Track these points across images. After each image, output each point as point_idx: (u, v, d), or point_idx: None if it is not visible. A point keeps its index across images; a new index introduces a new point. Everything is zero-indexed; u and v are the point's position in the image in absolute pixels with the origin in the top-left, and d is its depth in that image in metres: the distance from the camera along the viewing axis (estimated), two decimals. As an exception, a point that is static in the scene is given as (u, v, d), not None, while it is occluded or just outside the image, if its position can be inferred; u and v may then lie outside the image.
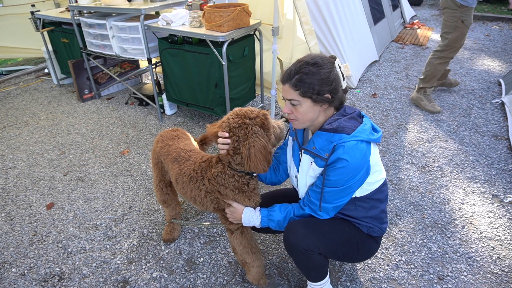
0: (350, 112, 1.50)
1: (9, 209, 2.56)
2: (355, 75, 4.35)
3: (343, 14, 4.30)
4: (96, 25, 3.60)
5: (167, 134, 1.97)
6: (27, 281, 2.00)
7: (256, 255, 1.76)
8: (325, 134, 1.46)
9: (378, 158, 1.53)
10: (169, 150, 1.85)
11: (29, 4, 4.59)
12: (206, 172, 1.64)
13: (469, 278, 1.93)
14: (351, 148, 1.39)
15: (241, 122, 1.49)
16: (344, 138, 1.41)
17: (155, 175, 2.04)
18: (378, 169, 1.51)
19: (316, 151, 1.47)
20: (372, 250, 1.67)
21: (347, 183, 1.44)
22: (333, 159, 1.41)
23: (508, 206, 2.42)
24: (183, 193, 1.77)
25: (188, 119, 3.74)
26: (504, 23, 6.92)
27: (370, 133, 1.45)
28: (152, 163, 2.03)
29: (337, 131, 1.43)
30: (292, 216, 1.60)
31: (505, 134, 3.23)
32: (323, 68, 1.42)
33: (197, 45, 3.11)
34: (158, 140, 1.97)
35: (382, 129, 3.39)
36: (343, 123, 1.44)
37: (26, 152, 3.25)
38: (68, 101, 4.24)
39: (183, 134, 1.99)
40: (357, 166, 1.41)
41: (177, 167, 1.76)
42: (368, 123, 1.49)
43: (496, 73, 4.61)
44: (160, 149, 1.91)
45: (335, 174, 1.43)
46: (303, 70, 1.43)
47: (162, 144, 1.91)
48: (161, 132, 2.02)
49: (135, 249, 2.18)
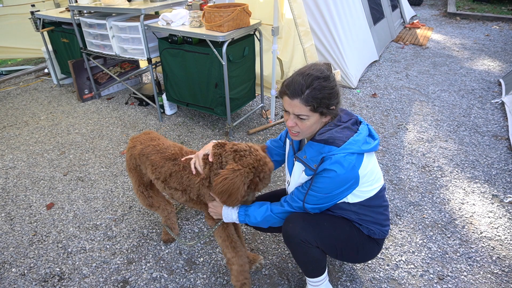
0: (345, 121, 1.48)
1: (9, 209, 2.56)
2: (355, 75, 4.35)
3: (343, 14, 4.30)
4: (96, 25, 3.60)
5: (144, 137, 1.99)
6: (27, 281, 2.00)
7: (237, 251, 1.73)
8: (316, 144, 1.46)
9: (374, 166, 1.51)
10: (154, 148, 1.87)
11: (29, 4, 4.59)
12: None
13: (469, 278, 1.93)
14: (338, 160, 1.38)
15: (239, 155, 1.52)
16: (333, 151, 1.40)
17: (134, 181, 2.04)
18: (372, 179, 1.49)
19: (307, 161, 1.48)
20: (373, 252, 1.67)
21: (332, 192, 1.45)
22: (320, 169, 1.42)
23: (508, 206, 2.42)
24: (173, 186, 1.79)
25: (188, 119, 3.74)
26: (504, 23, 6.92)
27: (364, 143, 1.43)
28: (129, 169, 2.03)
29: (327, 142, 1.42)
30: (270, 213, 1.60)
31: (505, 134, 3.23)
32: (331, 81, 1.40)
33: (197, 45, 3.10)
34: (135, 144, 1.97)
35: (382, 129, 3.39)
36: (334, 134, 1.42)
37: (26, 152, 3.25)
38: (68, 101, 4.24)
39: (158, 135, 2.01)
40: (343, 178, 1.40)
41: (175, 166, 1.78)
42: (364, 132, 1.46)
43: (496, 73, 4.61)
44: (141, 150, 1.91)
45: (321, 182, 1.44)
46: (315, 86, 1.37)
47: (142, 146, 1.92)
48: (133, 136, 2.03)
49: (135, 249, 2.18)
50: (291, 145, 1.69)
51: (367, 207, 1.55)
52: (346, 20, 4.35)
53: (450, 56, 5.30)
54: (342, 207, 1.56)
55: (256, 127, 3.51)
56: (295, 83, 1.40)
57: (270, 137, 3.35)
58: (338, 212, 1.58)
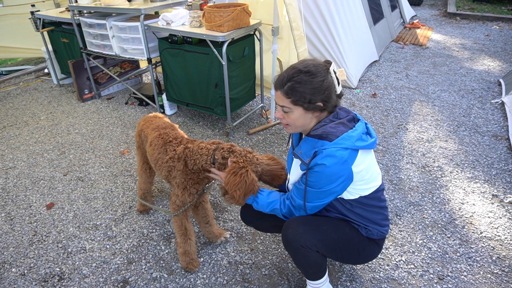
0: (342, 117, 1.48)
1: (9, 209, 2.56)
2: (355, 75, 4.35)
3: (343, 14, 4.30)
4: (96, 25, 3.60)
5: (150, 116, 2.24)
6: (27, 281, 2.00)
7: (186, 239, 1.95)
8: (311, 140, 1.47)
9: (370, 165, 1.50)
10: (151, 123, 2.10)
11: (29, 4, 4.59)
12: (187, 143, 1.81)
13: (469, 278, 1.93)
14: (329, 154, 1.38)
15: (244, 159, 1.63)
16: (325, 145, 1.40)
17: (138, 158, 2.26)
18: (367, 177, 1.48)
19: (301, 156, 1.49)
20: (373, 253, 1.66)
21: (326, 186, 1.44)
22: (312, 164, 1.43)
23: (508, 206, 2.42)
24: (151, 154, 1.97)
25: (188, 119, 3.74)
26: (504, 23, 6.92)
27: (359, 140, 1.42)
28: (136, 146, 2.25)
29: (321, 137, 1.43)
30: (277, 207, 1.61)
31: (505, 134, 3.23)
32: (316, 77, 1.41)
33: (197, 45, 3.10)
34: (141, 121, 2.21)
35: (382, 129, 3.39)
36: (328, 129, 1.43)
37: (26, 152, 3.25)
38: (68, 101, 4.24)
39: (164, 117, 2.23)
40: (335, 172, 1.40)
41: (156, 132, 1.97)
42: (360, 129, 1.45)
43: (496, 73, 4.61)
44: (142, 126, 2.15)
45: (313, 176, 1.44)
46: (295, 79, 1.42)
47: (143, 122, 2.17)
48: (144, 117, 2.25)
49: (135, 249, 2.18)
50: (291, 142, 1.70)
51: (362, 206, 1.55)
52: (346, 20, 4.35)
53: (450, 56, 5.30)
54: (338, 207, 1.56)
55: (256, 127, 3.51)
56: (281, 75, 1.47)
57: (270, 137, 3.35)
58: (335, 213, 1.58)
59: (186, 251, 1.97)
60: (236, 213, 2.44)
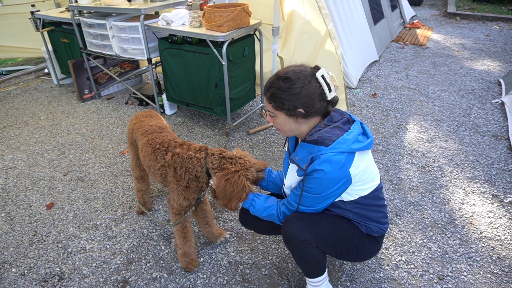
0: (336, 120, 1.48)
1: (9, 209, 2.56)
2: (355, 75, 4.35)
3: (343, 14, 4.30)
4: (96, 25, 3.60)
5: (142, 114, 2.22)
6: (27, 281, 2.00)
7: (186, 241, 1.96)
8: (307, 145, 1.48)
9: (368, 165, 1.50)
10: (141, 125, 2.08)
11: (29, 4, 4.58)
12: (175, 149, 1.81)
13: (469, 278, 1.93)
14: (327, 159, 1.39)
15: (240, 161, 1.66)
16: (322, 150, 1.40)
17: (132, 155, 2.23)
18: (365, 178, 1.49)
19: (298, 162, 1.50)
20: (373, 250, 1.67)
21: (324, 192, 1.45)
22: (310, 170, 1.43)
23: (508, 206, 2.42)
24: (143, 160, 1.99)
25: (188, 119, 3.74)
26: (504, 23, 6.92)
27: (355, 142, 1.42)
28: (128, 143, 2.23)
29: (317, 143, 1.43)
30: (274, 212, 1.63)
31: (505, 134, 3.23)
32: (294, 84, 1.41)
33: (197, 45, 3.10)
34: (132, 118, 2.19)
35: (382, 129, 3.39)
36: (323, 134, 1.43)
37: (26, 152, 3.25)
38: (68, 101, 4.24)
39: (156, 115, 2.21)
40: (333, 177, 1.40)
41: (145, 138, 1.96)
42: (355, 131, 1.45)
43: (496, 73, 4.61)
44: (133, 125, 2.13)
45: (312, 183, 1.45)
46: (275, 85, 1.45)
47: (135, 121, 2.15)
48: (136, 113, 2.23)
49: (135, 249, 2.18)
50: (287, 147, 1.71)
51: (362, 206, 1.55)
52: (346, 20, 4.35)
53: (450, 56, 5.30)
54: (339, 206, 1.56)
55: (256, 127, 3.51)
56: (267, 81, 1.52)
57: (270, 137, 3.35)
58: (335, 211, 1.59)
59: (186, 252, 1.98)
60: (236, 213, 2.44)
